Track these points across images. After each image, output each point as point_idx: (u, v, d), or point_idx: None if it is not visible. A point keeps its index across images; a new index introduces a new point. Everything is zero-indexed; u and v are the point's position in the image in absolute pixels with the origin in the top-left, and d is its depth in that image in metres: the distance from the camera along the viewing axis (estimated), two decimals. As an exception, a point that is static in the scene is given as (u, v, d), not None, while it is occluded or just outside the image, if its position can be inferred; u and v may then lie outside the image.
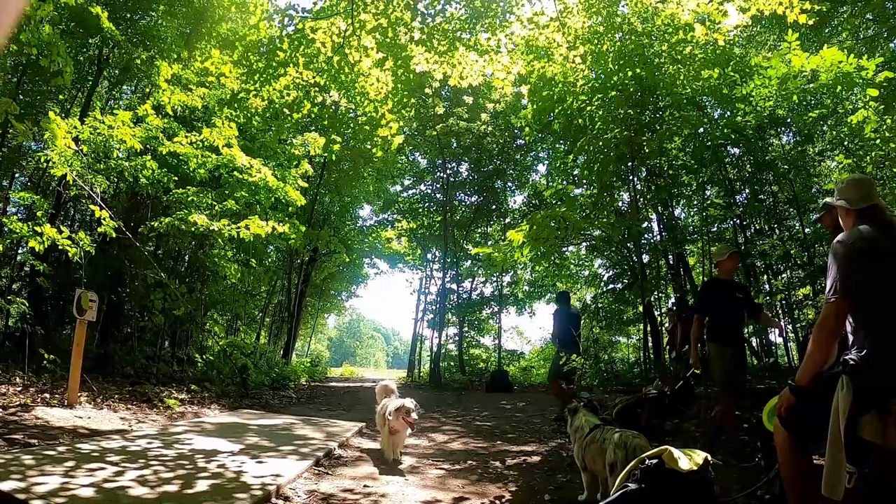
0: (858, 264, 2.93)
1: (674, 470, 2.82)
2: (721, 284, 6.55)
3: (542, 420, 9.11)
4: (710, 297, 6.53)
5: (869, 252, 2.95)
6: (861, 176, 3.62)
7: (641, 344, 14.34)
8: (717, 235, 12.22)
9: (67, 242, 8.69)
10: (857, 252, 2.96)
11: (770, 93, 9.29)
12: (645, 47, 9.25)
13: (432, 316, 21.41)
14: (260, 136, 13.81)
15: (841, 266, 2.96)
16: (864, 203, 3.16)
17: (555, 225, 8.99)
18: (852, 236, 3.06)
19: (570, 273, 18.22)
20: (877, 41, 10.98)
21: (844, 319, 2.97)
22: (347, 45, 8.56)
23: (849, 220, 3.24)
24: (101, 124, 9.12)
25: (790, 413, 3.12)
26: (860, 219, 3.16)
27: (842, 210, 3.30)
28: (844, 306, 2.94)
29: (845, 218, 3.29)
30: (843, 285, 2.93)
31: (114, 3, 11.93)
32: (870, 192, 3.19)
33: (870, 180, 3.48)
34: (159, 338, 13.75)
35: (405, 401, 5.81)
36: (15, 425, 5.99)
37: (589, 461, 4.22)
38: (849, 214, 3.24)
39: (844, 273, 2.94)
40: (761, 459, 4.93)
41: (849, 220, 3.24)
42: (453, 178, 21.45)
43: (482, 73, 9.15)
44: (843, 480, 2.75)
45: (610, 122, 9.36)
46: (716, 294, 6.47)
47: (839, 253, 2.99)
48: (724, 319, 6.33)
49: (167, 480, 4.21)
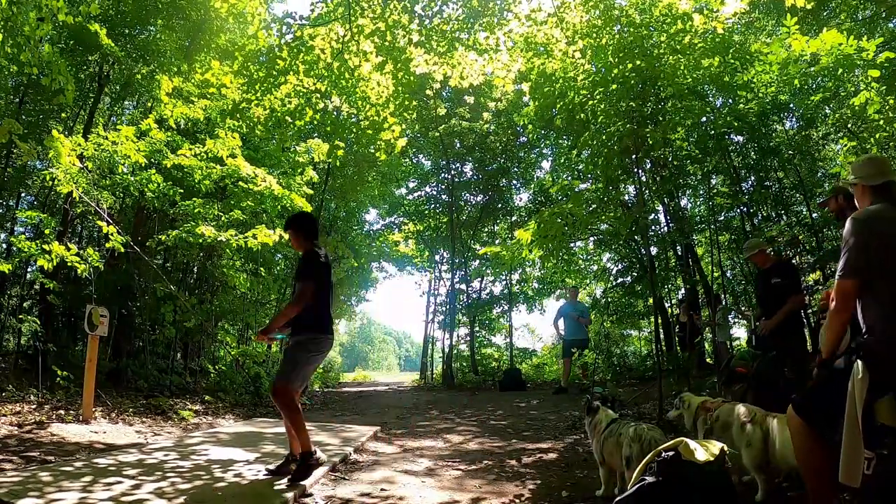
0: (871, 242, 2.90)
1: (691, 461, 2.81)
2: (760, 274, 6.82)
3: (557, 417, 9.08)
4: (756, 289, 6.86)
5: (884, 229, 2.92)
6: (875, 154, 3.61)
7: (653, 336, 14.26)
8: (724, 224, 12.17)
9: (76, 259, 8.72)
10: (870, 229, 2.93)
11: (771, 78, 9.24)
12: (644, 39, 9.19)
13: (443, 317, 21.35)
14: (263, 145, 13.83)
15: (851, 243, 2.94)
16: (880, 179, 3.14)
17: (562, 221, 8.96)
18: (866, 213, 3.03)
19: (579, 268, 18.18)
20: (875, 21, 10.90)
21: (851, 297, 2.94)
22: (346, 50, 8.57)
23: (865, 199, 3.21)
24: (104, 140, 9.15)
25: (805, 400, 3.10)
26: (876, 196, 3.13)
27: (858, 188, 3.27)
28: (850, 284, 2.92)
29: (861, 196, 3.26)
30: (851, 263, 2.91)
31: (112, 20, 11.95)
32: (885, 168, 3.17)
33: (885, 158, 3.46)
34: (171, 350, 13.77)
35: None
36: (31, 442, 6.02)
37: (607, 455, 4.23)
38: (864, 192, 3.22)
39: (855, 250, 2.91)
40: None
41: (865, 199, 3.21)
42: (458, 178, 21.40)
43: (482, 72, 9.15)
44: (860, 466, 2.72)
45: (612, 116, 9.30)
46: (757, 284, 6.78)
47: (852, 230, 2.97)
48: (763, 307, 6.66)
49: (185, 492, 4.22)
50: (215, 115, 10.69)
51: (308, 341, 5.06)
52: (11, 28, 6.47)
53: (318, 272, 5.08)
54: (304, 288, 4.95)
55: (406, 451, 6.66)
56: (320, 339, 5.10)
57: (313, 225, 5.45)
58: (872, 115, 7.72)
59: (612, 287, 16.98)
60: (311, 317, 5.02)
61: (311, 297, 4.95)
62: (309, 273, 5.05)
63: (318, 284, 5.03)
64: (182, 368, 13.61)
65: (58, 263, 8.81)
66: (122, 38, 12.18)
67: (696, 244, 14.11)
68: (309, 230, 5.35)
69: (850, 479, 2.72)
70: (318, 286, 5.04)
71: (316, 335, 5.09)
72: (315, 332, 5.08)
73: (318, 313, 5.11)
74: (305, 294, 4.94)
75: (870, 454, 2.72)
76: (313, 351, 5.08)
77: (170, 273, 13.65)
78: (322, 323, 5.14)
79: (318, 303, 5.06)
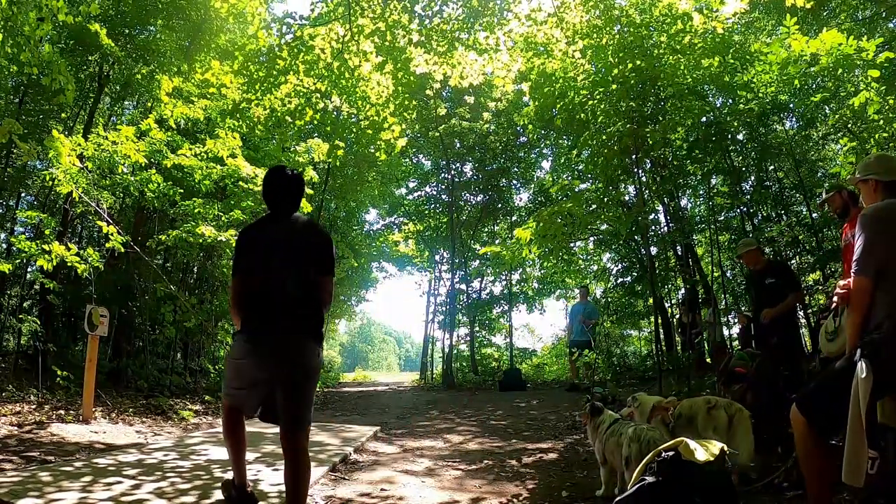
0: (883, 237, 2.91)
1: (691, 461, 2.80)
2: (753, 276, 6.86)
3: (556, 417, 9.08)
4: (748, 290, 6.84)
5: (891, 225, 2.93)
6: (885, 153, 3.63)
7: (653, 336, 14.28)
8: (724, 224, 12.18)
9: (76, 259, 8.71)
10: (883, 225, 2.94)
11: (771, 78, 9.25)
12: (644, 39, 9.22)
13: (443, 317, 21.35)
14: (263, 145, 13.83)
15: (865, 240, 2.94)
16: (890, 176, 3.15)
17: (562, 221, 8.97)
18: (876, 209, 3.05)
19: (579, 268, 18.19)
20: (875, 21, 10.92)
21: (868, 295, 2.93)
22: (346, 50, 8.58)
23: (875, 196, 3.24)
24: (104, 140, 9.14)
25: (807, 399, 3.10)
26: (886, 193, 3.15)
27: (867, 185, 3.29)
28: (866, 282, 2.92)
29: (870, 193, 3.28)
30: (866, 260, 2.92)
31: (112, 20, 11.96)
32: (894, 166, 3.20)
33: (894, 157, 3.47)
34: (171, 350, 13.78)
35: None
36: (31, 443, 6.02)
37: (609, 455, 4.27)
38: (876, 189, 3.24)
39: (869, 247, 2.92)
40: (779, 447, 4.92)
41: (875, 196, 3.24)
42: (458, 178, 21.39)
43: (482, 71, 9.15)
44: (864, 467, 2.71)
45: (612, 116, 9.32)
46: (749, 285, 6.75)
47: (863, 225, 2.98)
48: (757, 308, 6.59)
49: (185, 492, 4.23)
50: (215, 115, 10.69)
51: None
52: (11, 28, 6.48)
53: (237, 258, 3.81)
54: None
55: (406, 451, 6.66)
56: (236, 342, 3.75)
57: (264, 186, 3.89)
58: (872, 115, 7.72)
59: (612, 287, 16.99)
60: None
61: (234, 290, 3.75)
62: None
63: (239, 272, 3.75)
64: (182, 368, 13.63)
65: (58, 263, 8.81)
66: (122, 38, 12.19)
67: (696, 244, 14.13)
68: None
69: (853, 479, 2.71)
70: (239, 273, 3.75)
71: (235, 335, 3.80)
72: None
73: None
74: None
75: (874, 454, 2.72)
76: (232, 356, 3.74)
77: (170, 273, 13.66)
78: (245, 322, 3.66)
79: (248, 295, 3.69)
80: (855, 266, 2.97)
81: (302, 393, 3.51)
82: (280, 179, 3.83)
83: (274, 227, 3.75)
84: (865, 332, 2.89)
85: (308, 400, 3.56)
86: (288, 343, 3.50)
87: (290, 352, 3.48)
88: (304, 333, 3.56)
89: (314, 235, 3.78)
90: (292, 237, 3.68)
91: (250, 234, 3.78)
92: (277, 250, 3.61)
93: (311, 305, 3.62)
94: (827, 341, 3.91)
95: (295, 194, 3.85)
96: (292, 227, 3.74)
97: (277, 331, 3.50)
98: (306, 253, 3.65)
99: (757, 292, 6.71)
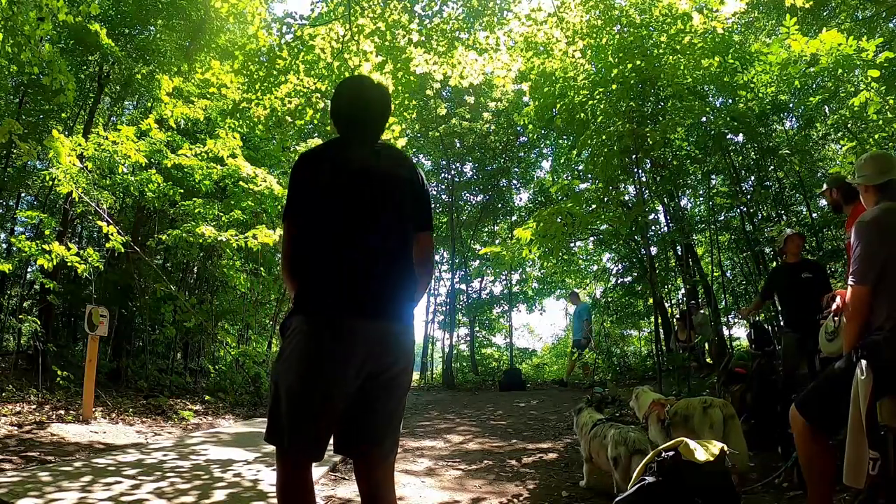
0: (880, 244, 2.89)
1: (690, 461, 2.80)
2: (786, 268, 6.49)
3: (557, 417, 9.07)
4: (771, 282, 6.65)
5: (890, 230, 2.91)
6: (876, 152, 3.57)
7: (653, 336, 14.27)
8: (724, 224, 12.17)
9: (76, 259, 8.72)
10: (878, 231, 2.92)
11: (771, 79, 9.25)
12: (644, 39, 9.22)
13: (443, 317, 21.37)
14: (263, 145, 13.84)
15: (861, 248, 2.92)
16: (883, 178, 3.11)
17: (561, 220, 8.96)
18: (871, 214, 3.02)
19: (579, 268, 18.20)
20: (875, 21, 10.91)
21: (866, 303, 2.91)
22: (346, 50, 8.57)
23: (869, 198, 3.20)
24: (104, 140, 9.15)
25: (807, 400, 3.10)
26: (880, 194, 3.11)
27: (862, 188, 3.26)
28: (863, 291, 2.90)
29: (865, 196, 3.24)
30: (863, 269, 2.90)
31: (112, 20, 11.98)
32: (885, 166, 3.14)
33: (886, 155, 3.43)
34: (171, 350, 13.79)
35: None
36: (31, 443, 6.01)
37: (594, 454, 4.45)
38: (868, 191, 3.20)
39: (865, 256, 2.90)
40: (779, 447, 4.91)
41: (869, 198, 3.20)
42: (458, 178, 21.38)
43: (482, 71, 9.14)
44: (865, 468, 2.71)
45: (612, 116, 9.32)
46: (778, 278, 6.50)
47: (859, 233, 2.95)
48: (787, 303, 6.44)
49: (184, 492, 4.22)
50: (215, 115, 10.70)
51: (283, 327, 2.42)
52: (11, 28, 6.48)
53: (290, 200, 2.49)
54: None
55: (406, 451, 6.65)
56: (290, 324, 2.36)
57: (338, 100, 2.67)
58: (872, 115, 7.71)
59: (612, 287, 16.99)
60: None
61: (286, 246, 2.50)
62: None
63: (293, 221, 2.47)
64: (182, 368, 13.64)
65: (58, 263, 8.82)
66: (122, 38, 12.20)
67: (696, 244, 14.12)
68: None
69: (854, 480, 2.71)
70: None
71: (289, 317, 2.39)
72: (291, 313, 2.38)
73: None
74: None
75: (874, 454, 2.71)
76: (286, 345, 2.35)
77: (170, 273, 13.67)
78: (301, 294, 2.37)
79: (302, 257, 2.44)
80: (852, 277, 2.96)
81: (402, 405, 2.46)
82: (363, 89, 2.64)
83: (353, 154, 2.51)
84: (866, 335, 2.88)
85: (402, 414, 2.50)
86: (389, 331, 2.33)
87: (391, 344, 2.33)
88: (404, 315, 2.41)
89: (409, 171, 2.57)
90: (382, 172, 2.48)
91: (321, 158, 2.48)
92: (362, 188, 2.40)
93: (410, 274, 2.47)
94: (827, 341, 3.90)
95: (383, 112, 2.65)
96: (379, 158, 2.53)
97: (367, 311, 2.29)
98: (401, 196, 2.49)
99: (788, 285, 6.40)
